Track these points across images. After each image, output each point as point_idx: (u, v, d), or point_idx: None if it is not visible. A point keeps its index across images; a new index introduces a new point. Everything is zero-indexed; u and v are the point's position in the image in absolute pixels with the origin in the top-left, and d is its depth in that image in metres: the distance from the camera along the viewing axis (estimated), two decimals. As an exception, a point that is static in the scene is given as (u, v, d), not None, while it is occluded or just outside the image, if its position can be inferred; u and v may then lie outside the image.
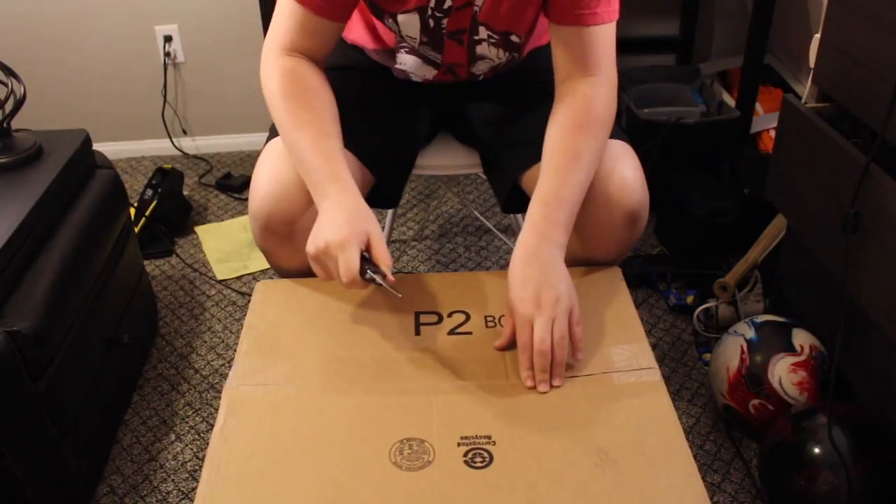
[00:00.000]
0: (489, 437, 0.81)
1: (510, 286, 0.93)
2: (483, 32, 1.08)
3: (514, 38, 1.10)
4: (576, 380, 0.90)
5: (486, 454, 0.80)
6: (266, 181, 1.00)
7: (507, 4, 1.05)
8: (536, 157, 1.03)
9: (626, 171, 1.01)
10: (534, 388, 0.88)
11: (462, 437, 0.81)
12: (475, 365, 0.91)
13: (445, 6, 1.04)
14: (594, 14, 1.00)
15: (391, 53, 1.19)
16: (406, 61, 1.18)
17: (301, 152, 0.95)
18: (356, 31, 1.22)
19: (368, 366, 0.91)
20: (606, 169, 1.01)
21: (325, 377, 0.90)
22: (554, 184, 0.96)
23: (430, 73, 1.19)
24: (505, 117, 1.19)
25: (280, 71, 0.99)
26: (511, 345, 0.93)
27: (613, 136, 1.06)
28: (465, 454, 0.80)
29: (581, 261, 1.09)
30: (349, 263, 0.86)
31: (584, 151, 0.98)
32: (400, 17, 1.07)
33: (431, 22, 1.07)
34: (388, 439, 0.81)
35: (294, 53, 1.01)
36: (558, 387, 0.88)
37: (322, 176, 0.94)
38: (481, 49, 1.11)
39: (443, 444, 0.81)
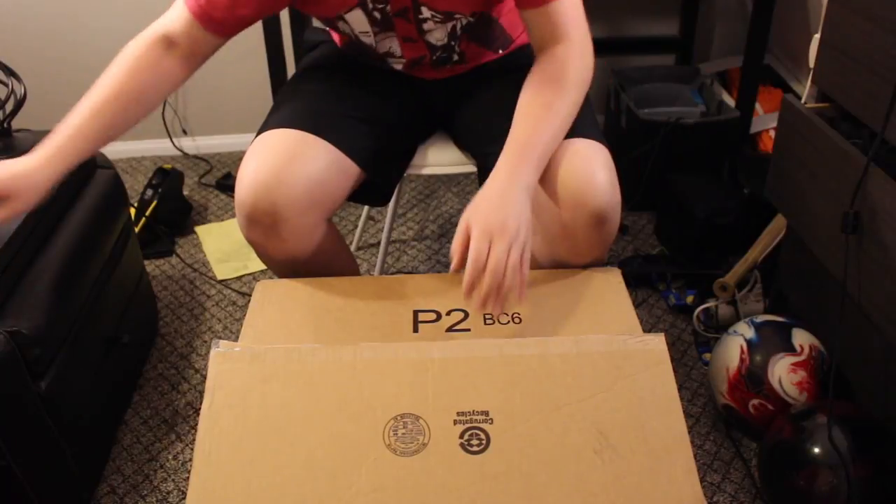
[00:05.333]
0: (486, 414, 0.79)
1: (473, 206, 0.94)
2: (426, 12, 1.09)
3: (457, 15, 1.11)
4: (580, 343, 0.88)
5: (482, 436, 0.78)
6: (251, 172, 1.02)
7: None
8: None
9: (594, 171, 1.00)
10: (478, 307, 0.88)
11: (458, 414, 0.79)
12: None
13: None
14: None
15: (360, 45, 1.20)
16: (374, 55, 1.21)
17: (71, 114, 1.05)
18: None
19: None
20: (574, 167, 1.00)
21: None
22: (526, 130, 0.99)
23: (398, 63, 1.20)
24: (492, 122, 1.19)
25: (129, 54, 1.07)
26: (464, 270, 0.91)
27: (590, 136, 1.05)
28: (462, 435, 0.78)
29: (550, 263, 1.09)
30: None
31: (556, 103, 1.01)
32: (347, 17, 1.09)
33: (377, 14, 1.09)
34: (382, 415, 0.79)
35: (159, 40, 1.07)
36: (504, 315, 0.92)
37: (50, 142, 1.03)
38: (428, 26, 1.12)
39: (438, 423, 0.78)
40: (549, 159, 0.99)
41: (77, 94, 1.09)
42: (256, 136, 1.09)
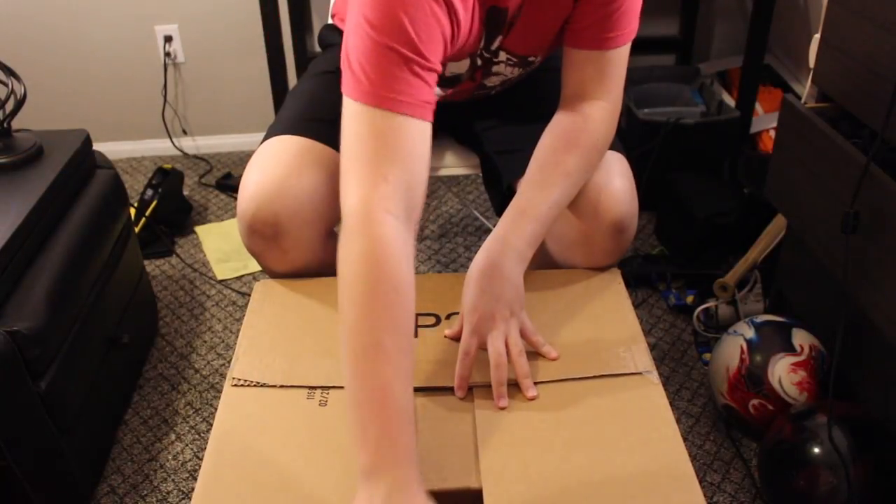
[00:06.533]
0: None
1: (466, 290, 0.92)
2: (502, 55, 1.07)
3: (531, 58, 1.09)
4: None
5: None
6: (253, 182, 1.00)
7: (534, 38, 1.03)
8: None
9: (614, 181, 1.00)
10: (464, 395, 0.88)
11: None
12: (473, 368, 0.91)
13: (494, 47, 1.02)
14: (611, 38, 0.97)
15: None
16: None
17: (362, 392, 0.74)
18: None
19: None
20: (595, 177, 1.00)
21: (323, 377, 0.90)
22: (535, 197, 0.95)
23: (440, 91, 1.18)
24: (507, 123, 1.19)
25: (361, 254, 0.77)
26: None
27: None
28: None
29: (565, 267, 1.09)
30: None
31: (574, 170, 0.97)
32: (451, 66, 1.05)
33: (479, 60, 1.05)
34: None
35: (394, 210, 0.80)
36: (535, 398, 0.87)
37: (381, 446, 0.72)
38: (498, 68, 1.10)
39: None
40: (554, 219, 0.96)
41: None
42: (263, 141, 1.08)
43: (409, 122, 0.82)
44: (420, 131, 0.83)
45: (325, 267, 1.09)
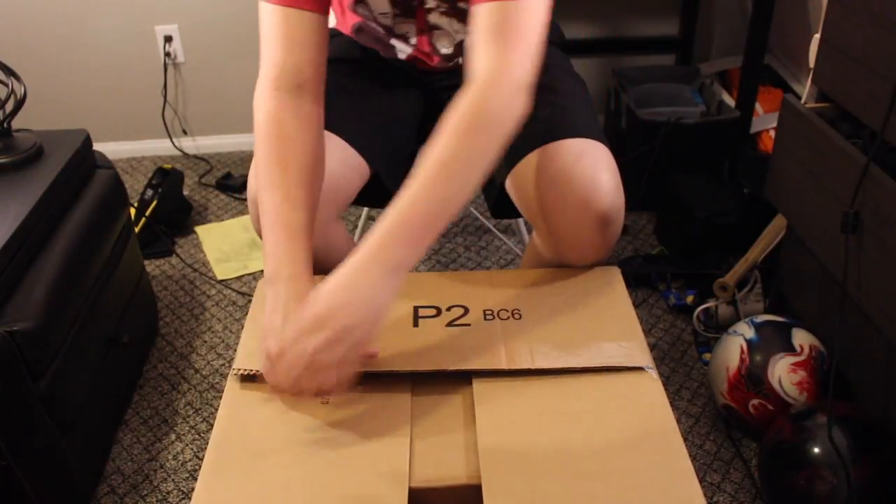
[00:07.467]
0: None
1: (315, 289, 0.83)
2: (430, 1, 1.06)
3: (462, 4, 1.08)
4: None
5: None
6: None
7: None
8: (516, 159, 1.03)
9: (598, 173, 0.98)
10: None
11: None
12: (473, 354, 0.91)
13: None
14: None
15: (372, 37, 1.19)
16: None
17: (265, 215, 0.92)
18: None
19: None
20: (578, 169, 0.99)
21: None
22: (410, 196, 0.84)
23: (404, 51, 1.18)
24: None
25: (265, 115, 0.96)
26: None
27: (591, 135, 1.03)
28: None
29: (553, 264, 1.09)
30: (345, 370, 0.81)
31: (459, 158, 0.86)
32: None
33: None
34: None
35: (282, 86, 0.96)
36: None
37: (278, 255, 0.89)
38: (433, 18, 1.10)
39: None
40: (443, 224, 0.85)
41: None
42: None
43: (303, 14, 0.97)
44: (312, 21, 0.97)
45: (331, 250, 1.09)
